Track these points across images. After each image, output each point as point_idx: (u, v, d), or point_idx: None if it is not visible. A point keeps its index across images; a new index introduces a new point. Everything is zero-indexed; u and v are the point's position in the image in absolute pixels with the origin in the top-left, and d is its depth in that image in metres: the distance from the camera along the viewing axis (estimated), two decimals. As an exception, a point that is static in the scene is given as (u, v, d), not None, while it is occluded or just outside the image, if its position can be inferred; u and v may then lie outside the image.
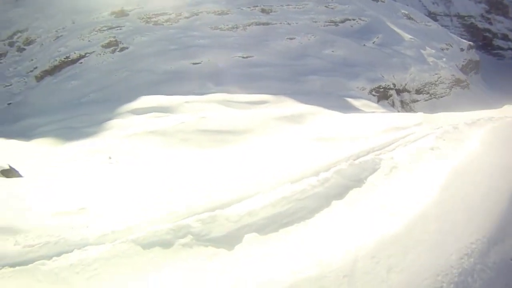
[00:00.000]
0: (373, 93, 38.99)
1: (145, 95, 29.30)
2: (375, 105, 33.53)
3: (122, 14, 51.13)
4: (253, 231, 4.81)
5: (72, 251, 4.63)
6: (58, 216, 5.77)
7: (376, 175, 6.82)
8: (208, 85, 31.72)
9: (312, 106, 24.41)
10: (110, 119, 26.62)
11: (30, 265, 4.51)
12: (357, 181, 6.35)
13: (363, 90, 37.74)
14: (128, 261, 4.32)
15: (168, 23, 48.22)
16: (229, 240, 4.62)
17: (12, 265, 4.61)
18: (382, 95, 40.05)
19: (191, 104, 25.89)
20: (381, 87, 40.49)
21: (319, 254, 4.30)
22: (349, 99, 31.76)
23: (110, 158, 16.58)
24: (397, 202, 5.58)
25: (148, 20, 49.12)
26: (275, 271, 4.09)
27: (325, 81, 35.58)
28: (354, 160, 7.30)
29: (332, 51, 43.53)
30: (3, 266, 4.63)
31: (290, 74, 36.08)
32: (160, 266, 4.25)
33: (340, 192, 5.84)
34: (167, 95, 28.33)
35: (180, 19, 48.45)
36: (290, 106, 25.21)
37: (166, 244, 4.52)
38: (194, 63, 38.41)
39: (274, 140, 16.70)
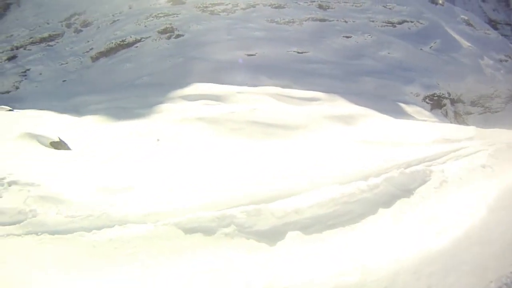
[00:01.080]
0: (427, 100, 37.09)
1: (198, 82, 29.48)
2: (427, 113, 32.06)
3: (178, 2, 51.54)
4: (297, 229, 4.76)
5: (113, 226, 4.79)
6: (103, 191, 5.88)
7: (425, 187, 6.63)
8: (261, 78, 31.24)
9: (364, 108, 23.86)
10: (161, 102, 26.92)
11: (69, 234, 4.71)
12: (406, 191, 6.22)
13: (417, 96, 36.03)
14: (168, 243, 4.39)
15: (224, 13, 48.18)
16: (271, 236, 4.61)
17: (52, 233, 4.81)
18: (436, 104, 38.03)
19: (243, 95, 25.78)
20: (436, 95, 38.49)
21: (361, 260, 4.21)
22: (402, 104, 30.80)
23: (158, 140, 16.71)
24: (444, 219, 5.38)
25: (205, 9, 49.21)
26: (316, 272, 4.01)
27: (379, 83, 34.52)
28: (405, 168, 7.09)
29: (388, 53, 42.16)
30: (42, 233, 4.84)
31: (344, 73, 35.11)
32: (200, 253, 4.27)
33: (388, 201, 5.77)
34: (219, 84, 28.35)
35: (237, 10, 48.38)
36: (342, 105, 24.77)
37: (208, 231, 4.57)
38: (248, 55, 38.15)
39: (324, 139, 16.45)
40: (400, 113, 27.53)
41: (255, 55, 38.30)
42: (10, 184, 6.33)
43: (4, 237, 4.94)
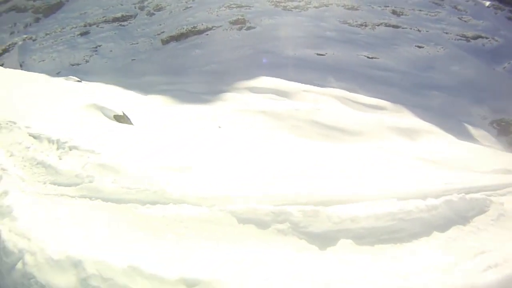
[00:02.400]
0: (494, 125, 33.80)
1: (265, 76, 29.62)
2: (493, 139, 30.08)
3: (251, -6, 52.15)
4: (350, 237, 4.59)
5: (168, 204, 4.77)
6: (161, 169, 5.89)
7: (482, 218, 5.94)
8: (328, 79, 30.95)
9: (429, 124, 23.43)
10: (226, 91, 27.43)
11: (123, 205, 4.82)
12: (463, 218, 5.59)
13: (484, 119, 33.43)
14: (220, 229, 4.36)
15: (297, 9, 48.06)
16: (324, 240, 4.44)
17: (105, 200, 4.98)
18: (503, 130, 33.99)
19: (309, 94, 25.72)
20: (504, 121, 34.47)
21: (409, 281, 4.04)
22: (468, 126, 29.45)
23: (220, 127, 17.15)
24: (496, 254, 4.95)
25: (278, 4, 49.28)
26: (362, 284, 3.88)
27: (447, 99, 33.23)
28: (465, 194, 7.05)
29: (459, 69, 40.09)
30: (96, 199, 5.02)
31: (413, 85, 34.30)
32: (250, 244, 4.22)
33: (444, 224, 5.36)
34: (286, 80, 28.37)
35: (309, 7, 48.17)
36: (407, 118, 24.40)
37: (262, 225, 4.46)
38: (318, 54, 37.86)
39: (384, 149, 16.08)
40: (464, 135, 26.50)
41: (324, 55, 37.94)
42: (71, 148, 6.66)
43: (58, 196, 5.22)
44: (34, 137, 7.54)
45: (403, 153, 15.51)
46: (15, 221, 4.39)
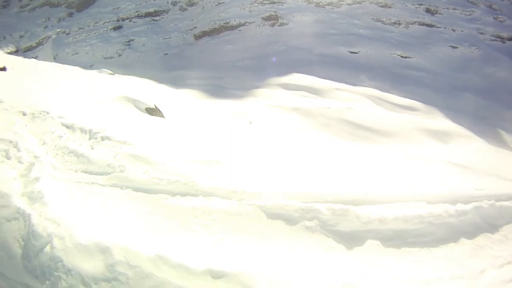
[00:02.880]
0: None
1: (298, 72, 29.39)
2: None
3: (284, -9, 52.11)
4: (377, 238, 4.61)
5: (197, 196, 4.82)
6: (192, 161, 5.91)
7: (511, 227, 6.08)
8: (361, 77, 30.65)
9: (461, 127, 22.67)
10: (258, 87, 27.49)
11: (153, 195, 4.89)
12: (492, 226, 5.64)
13: None
14: (248, 223, 4.39)
15: (330, 6, 47.78)
16: (351, 239, 4.47)
17: (136, 190, 5.06)
18: None
19: (341, 92, 25.52)
20: None
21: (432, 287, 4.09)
22: (501, 131, 27.61)
23: (250, 123, 17.38)
24: None
25: (311, 0, 49.08)
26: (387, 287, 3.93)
27: (481, 103, 31.66)
28: (495, 201, 6.88)
29: (495, 71, 38.74)
30: (127, 188, 5.12)
31: (446, 86, 33.21)
32: (277, 239, 4.24)
33: (472, 231, 5.37)
34: (319, 77, 28.15)
35: (343, 4, 47.74)
36: (439, 120, 23.67)
37: (290, 221, 4.46)
38: (351, 52, 37.69)
39: (415, 152, 16.00)
40: (497, 140, 25.17)
41: (357, 53, 37.65)
42: (103, 138, 6.77)
43: (89, 184, 5.32)
44: (67, 127, 7.72)
45: (433, 156, 15.17)
46: (45, 206, 4.50)
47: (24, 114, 8.91)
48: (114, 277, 3.47)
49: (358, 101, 24.09)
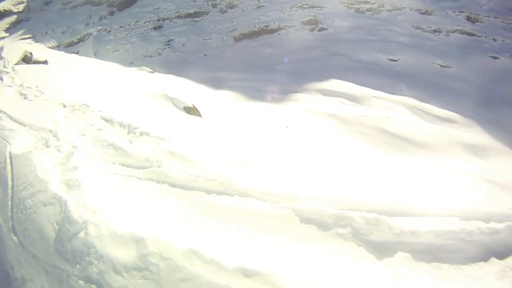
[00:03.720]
0: None
1: (336, 79, 29.22)
2: None
3: (323, -5, 51.87)
4: (408, 251, 4.54)
5: (233, 195, 4.87)
6: (229, 161, 5.93)
7: None
8: (400, 86, 30.08)
9: (500, 143, 21.67)
10: (296, 92, 27.38)
11: (189, 191, 4.96)
12: None
13: None
14: (282, 226, 4.40)
15: (369, 12, 47.37)
16: (382, 250, 4.44)
17: (172, 185, 5.16)
18: None
19: (379, 100, 25.27)
20: None
21: None
22: None
23: (287, 127, 17.29)
24: None
25: (350, 5, 48.71)
26: None
27: None
28: None
29: None
30: (163, 183, 5.24)
31: (487, 99, 31.28)
32: (310, 244, 4.25)
33: (504, 252, 5.13)
34: (357, 84, 27.96)
35: (382, 10, 47.20)
36: (477, 134, 22.77)
37: (324, 227, 4.47)
38: (390, 59, 37.10)
39: (451, 165, 15.76)
40: None
41: (397, 61, 37.06)
42: (141, 134, 6.97)
43: (126, 176, 5.49)
44: (106, 120, 8.00)
45: (470, 171, 15.04)
46: (82, 194, 4.70)
47: (64, 106, 9.33)
48: (145, 267, 3.62)
49: (396, 110, 23.90)
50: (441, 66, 37.44)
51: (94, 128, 7.59)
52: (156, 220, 4.22)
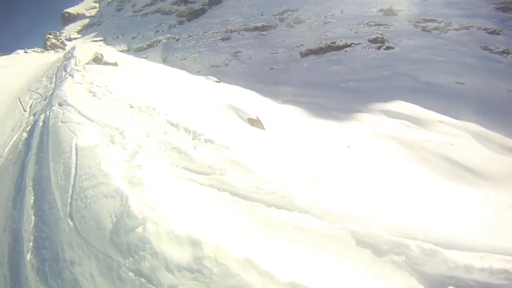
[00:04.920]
0: None
1: (401, 100, 29.05)
2: None
3: (390, 12, 51.84)
4: (459, 287, 4.25)
5: (292, 211, 4.82)
6: (292, 176, 5.89)
7: None
8: (466, 111, 28.77)
9: None
10: (360, 111, 27.50)
11: (249, 202, 4.95)
12: None
13: None
14: (337, 246, 4.36)
15: (436, 31, 47.13)
16: (434, 283, 4.28)
17: (233, 194, 5.14)
18: None
19: (444, 126, 24.74)
20: None
21: None
22: None
23: (349, 146, 17.43)
24: None
25: (417, 24, 48.84)
26: None
27: None
28: None
29: None
30: (224, 191, 5.21)
31: None
32: (363, 268, 4.21)
33: None
34: (422, 106, 27.52)
35: (449, 29, 46.79)
36: None
37: (378, 252, 4.39)
38: (457, 82, 35.79)
39: None
40: None
41: (463, 83, 35.57)
42: (206, 141, 6.96)
43: (187, 180, 5.49)
44: (172, 124, 8.09)
45: None
46: (144, 192, 4.76)
47: (131, 107, 9.60)
48: (198, 269, 3.65)
49: (461, 136, 23.29)
50: (508, 90, 35.19)
51: (160, 130, 7.79)
52: (215, 226, 4.33)
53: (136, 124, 8.19)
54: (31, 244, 4.66)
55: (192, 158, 6.17)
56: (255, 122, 12.52)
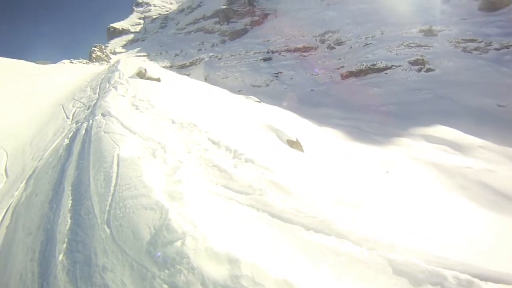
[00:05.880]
0: None
1: (441, 124, 28.77)
2: None
3: (430, 33, 51.84)
4: None
5: (330, 235, 4.78)
6: (333, 200, 5.88)
7: None
8: (507, 135, 27.80)
9: None
10: (400, 135, 27.40)
11: (288, 224, 4.93)
12: None
13: None
14: (374, 274, 4.30)
15: (476, 51, 46.57)
16: None
17: (271, 215, 5.11)
18: None
19: (485, 151, 24.34)
20: None
21: None
22: None
23: (387, 172, 17.03)
24: None
25: (457, 44, 48.54)
26: None
27: None
28: None
29: None
30: (263, 211, 5.19)
31: None
32: None
33: None
34: (462, 131, 27.18)
35: (490, 49, 46.09)
36: None
37: (415, 281, 4.30)
38: (499, 105, 34.38)
39: None
40: None
41: (505, 106, 34.08)
42: (246, 160, 6.93)
43: (227, 198, 5.51)
44: (213, 142, 8.05)
45: None
46: (185, 207, 4.73)
47: (173, 122, 9.61)
48: (234, 287, 3.61)
49: (502, 163, 22.68)
50: (551, 112, 33.52)
51: (201, 147, 7.75)
52: (253, 246, 4.28)
53: (178, 139, 8.26)
54: (64, 245, 4.76)
55: (233, 177, 6.20)
56: (294, 144, 12.44)
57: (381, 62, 48.88)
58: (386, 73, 47.48)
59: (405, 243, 4.86)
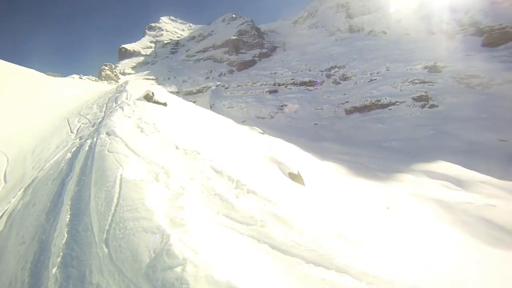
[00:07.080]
0: None
1: (444, 159, 28.89)
2: None
3: (435, 69, 52.55)
4: None
5: (330, 269, 4.67)
6: (335, 236, 5.81)
7: None
8: (509, 170, 27.90)
9: None
10: (402, 171, 27.56)
11: (288, 257, 4.83)
12: None
13: None
14: None
15: (479, 87, 47.08)
16: None
17: (272, 247, 5.02)
18: None
19: (485, 186, 24.33)
20: None
21: None
22: None
23: (388, 208, 16.85)
24: None
25: (461, 80, 49.03)
26: None
27: None
28: None
29: None
30: (264, 243, 5.10)
31: None
32: None
33: None
34: (464, 166, 27.13)
35: (493, 84, 46.64)
36: None
37: None
38: (501, 140, 34.41)
39: None
40: None
41: (507, 141, 34.06)
42: (249, 191, 6.85)
43: (228, 228, 5.45)
44: (216, 171, 7.96)
45: None
46: (186, 234, 4.65)
47: (177, 148, 9.48)
48: None
49: (503, 198, 22.63)
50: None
51: (204, 175, 7.63)
52: (254, 276, 4.18)
53: (181, 165, 8.09)
54: (59, 259, 4.67)
55: (234, 207, 6.05)
56: (295, 177, 12.25)
57: (386, 98, 49.50)
58: (390, 109, 47.93)
59: (404, 279, 4.82)
